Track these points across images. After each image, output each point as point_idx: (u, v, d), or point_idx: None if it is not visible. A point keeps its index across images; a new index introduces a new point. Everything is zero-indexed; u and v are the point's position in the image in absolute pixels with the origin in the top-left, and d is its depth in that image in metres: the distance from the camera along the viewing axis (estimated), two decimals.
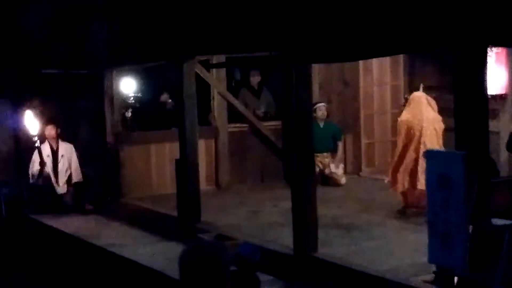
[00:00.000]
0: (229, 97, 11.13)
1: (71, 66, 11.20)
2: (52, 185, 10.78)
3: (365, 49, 6.65)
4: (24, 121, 10.73)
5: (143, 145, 10.86)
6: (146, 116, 11.45)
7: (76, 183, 10.95)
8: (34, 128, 10.55)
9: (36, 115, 10.62)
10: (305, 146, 7.13)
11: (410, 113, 8.68)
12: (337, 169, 10.91)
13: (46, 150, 10.80)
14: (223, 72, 11.21)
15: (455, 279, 5.58)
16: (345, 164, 11.38)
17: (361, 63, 11.25)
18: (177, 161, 9.05)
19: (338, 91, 11.67)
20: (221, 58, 10.63)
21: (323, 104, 11.03)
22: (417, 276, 6.25)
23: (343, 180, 10.88)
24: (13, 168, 11.59)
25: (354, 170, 11.60)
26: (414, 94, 8.87)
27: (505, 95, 9.49)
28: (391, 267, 6.70)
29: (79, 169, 10.99)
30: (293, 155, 7.26)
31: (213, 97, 11.07)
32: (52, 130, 10.86)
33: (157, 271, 7.52)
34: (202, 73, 10.47)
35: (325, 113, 11.03)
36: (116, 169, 10.69)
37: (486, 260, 5.32)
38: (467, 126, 5.49)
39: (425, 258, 5.77)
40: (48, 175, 10.75)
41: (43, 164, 10.65)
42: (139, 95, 11.26)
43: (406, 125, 8.65)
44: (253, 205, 9.76)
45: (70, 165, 10.94)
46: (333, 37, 6.68)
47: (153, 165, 10.85)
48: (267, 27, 7.41)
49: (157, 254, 8.21)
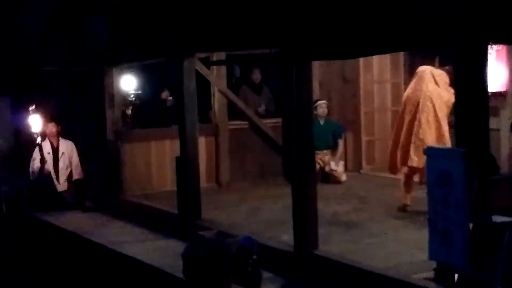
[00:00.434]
0: (229, 94, 11.14)
1: (71, 64, 11.20)
2: (53, 182, 10.79)
3: (365, 46, 6.64)
4: (25, 119, 10.74)
5: (143, 142, 10.86)
6: (146, 114, 11.45)
7: (76, 180, 10.96)
8: (35, 125, 10.56)
9: (37, 113, 10.63)
10: (305, 143, 7.13)
11: (411, 88, 8.44)
12: (337, 167, 10.91)
13: (47, 148, 10.81)
14: (223, 69, 11.21)
15: (456, 276, 5.58)
16: (345, 161, 11.39)
17: (361, 60, 11.25)
18: (177, 158, 9.05)
19: (338, 88, 11.67)
20: (221, 56, 10.62)
21: (323, 102, 11.03)
22: (417, 273, 6.25)
23: (343, 177, 10.89)
24: (13, 165, 11.61)
25: (354, 167, 11.60)
26: (419, 68, 8.56)
27: (505, 92, 9.48)
28: (392, 264, 6.70)
29: (79, 167, 11.01)
30: (293, 152, 7.25)
31: (213, 94, 11.07)
32: (53, 128, 10.87)
33: (157, 268, 7.52)
34: (202, 70, 10.47)
35: (326, 110, 11.04)
36: (116, 166, 10.69)
37: (486, 257, 5.32)
38: (468, 123, 5.49)
39: (426, 255, 5.77)
40: (49, 172, 10.75)
41: (43, 162, 10.66)
42: (139, 92, 11.26)
43: (404, 101, 8.48)
44: (254, 202, 9.76)
45: (70, 163, 10.95)
46: (333, 35, 6.68)
47: (154, 162, 10.85)
48: (267, 24, 7.41)
49: (157, 251, 8.22)
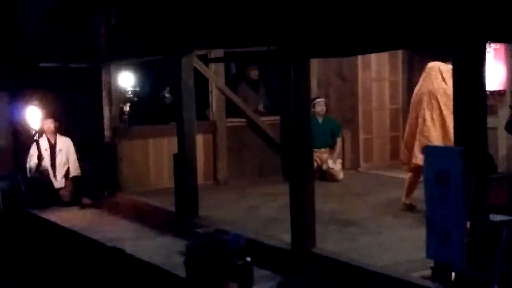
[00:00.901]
0: (228, 91, 11.13)
1: (69, 60, 11.19)
2: (50, 179, 10.78)
3: (363, 44, 6.63)
4: (23, 115, 10.72)
5: (141, 140, 10.85)
6: (144, 111, 11.45)
7: (74, 177, 10.96)
8: (33, 121, 10.54)
9: (35, 109, 10.61)
10: (303, 141, 7.12)
11: (419, 85, 8.32)
12: (334, 165, 10.90)
13: (44, 144, 10.80)
14: (221, 66, 11.20)
15: (453, 274, 5.58)
16: (343, 160, 11.38)
17: (359, 58, 11.24)
18: (175, 156, 9.05)
19: (336, 86, 11.66)
20: (219, 53, 10.62)
21: (322, 99, 11.02)
22: (415, 271, 6.25)
23: (340, 175, 10.88)
24: (10, 162, 11.59)
25: (352, 165, 11.60)
26: (427, 65, 8.41)
27: (503, 91, 9.49)
28: (389, 262, 6.69)
29: (77, 163, 11.00)
30: (292, 150, 7.25)
31: (211, 92, 11.06)
32: (51, 124, 10.87)
33: (154, 265, 7.51)
34: (201, 67, 10.45)
35: (324, 108, 11.03)
36: (114, 163, 10.68)
37: (484, 255, 5.32)
38: (466, 122, 5.48)
39: (423, 254, 5.76)
40: (46, 169, 10.75)
41: (41, 158, 10.65)
42: (137, 89, 11.25)
43: (412, 98, 8.42)
44: (251, 200, 9.76)
45: (68, 159, 10.95)
46: (332, 32, 6.67)
47: (151, 159, 10.84)
48: (266, 21, 7.40)
49: (154, 248, 8.21)
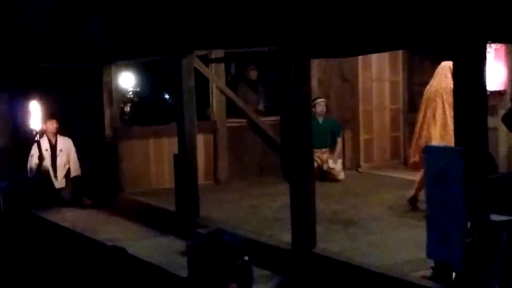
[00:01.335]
0: (228, 92, 11.13)
1: (70, 61, 11.19)
2: (51, 179, 10.79)
3: (364, 44, 6.64)
4: (24, 115, 10.73)
5: (141, 140, 10.86)
6: (144, 111, 11.46)
7: (74, 177, 10.96)
8: (34, 122, 10.55)
9: (36, 109, 10.62)
10: (303, 141, 7.13)
11: (430, 83, 8.29)
12: (335, 165, 10.90)
13: (45, 144, 10.81)
14: (221, 67, 11.20)
15: (453, 274, 5.58)
16: (343, 160, 11.38)
17: (360, 58, 11.24)
18: (175, 156, 9.05)
19: (336, 86, 11.66)
20: (220, 53, 10.62)
21: (322, 100, 11.02)
22: (415, 271, 6.26)
23: (341, 175, 10.88)
24: (11, 162, 11.59)
25: (353, 165, 11.60)
26: (441, 63, 8.30)
27: (503, 91, 9.49)
28: (390, 262, 6.70)
29: (77, 164, 11.00)
30: (292, 150, 7.25)
31: (212, 92, 11.07)
32: (53, 125, 10.87)
33: (155, 265, 7.52)
34: (201, 67, 10.46)
35: (325, 108, 11.03)
36: (114, 163, 10.69)
37: (484, 255, 5.32)
38: (466, 122, 5.49)
39: (424, 254, 5.78)
40: (47, 169, 10.75)
41: (41, 158, 10.65)
42: (138, 89, 11.26)
43: (423, 97, 8.36)
44: (252, 200, 9.76)
45: (68, 160, 10.95)
46: (332, 32, 6.67)
47: (152, 159, 10.85)
48: (266, 22, 7.41)
49: (154, 248, 8.22)
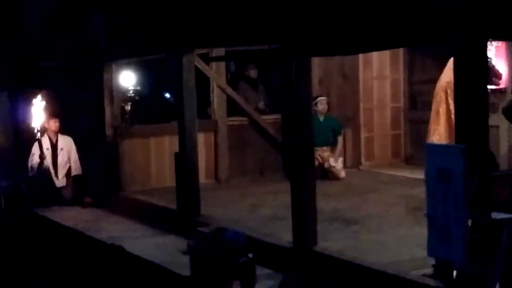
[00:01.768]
0: (229, 90, 11.13)
1: (70, 59, 11.19)
2: (51, 178, 10.79)
3: (365, 42, 6.63)
4: (25, 114, 10.73)
5: (142, 138, 10.85)
6: (145, 109, 11.45)
7: (75, 176, 10.96)
8: (35, 121, 10.55)
9: (37, 108, 10.62)
10: (304, 139, 7.13)
11: (439, 78, 8.35)
12: (336, 163, 10.89)
13: (46, 143, 10.81)
14: (222, 65, 11.20)
15: (454, 272, 5.58)
16: (344, 158, 11.38)
17: (361, 56, 11.23)
18: (176, 155, 9.05)
19: (337, 84, 11.66)
20: (220, 51, 10.61)
21: (324, 98, 11.01)
22: (416, 269, 6.25)
23: (342, 174, 10.87)
24: (12, 161, 11.59)
25: (354, 163, 11.60)
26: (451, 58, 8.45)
27: (504, 89, 9.48)
28: (391, 260, 6.69)
29: (78, 162, 11.00)
30: (293, 148, 7.25)
31: (213, 90, 11.06)
32: (55, 124, 10.87)
33: (156, 264, 7.52)
34: (202, 66, 10.46)
35: (326, 107, 11.02)
36: (115, 162, 10.68)
37: (485, 253, 5.32)
38: (467, 119, 5.49)
39: (424, 252, 5.77)
40: (48, 168, 10.75)
41: (42, 157, 10.65)
42: (138, 88, 11.25)
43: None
44: (253, 198, 9.76)
45: (69, 158, 10.95)
46: (333, 30, 6.67)
47: (153, 158, 10.84)
48: (267, 20, 7.40)
49: (156, 247, 8.21)
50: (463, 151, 5.27)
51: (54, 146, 10.90)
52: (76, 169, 10.97)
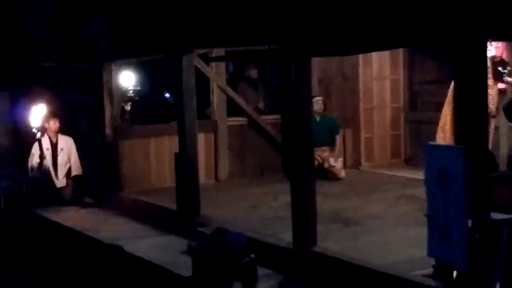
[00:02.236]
0: (229, 90, 11.12)
1: (70, 59, 11.20)
2: (51, 178, 10.78)
3: (365, 42, 6.63)
4: (25, 114, 10.73)
5: (142, 139, 10.85)
6: (145, 110, 11.45)
7: (75, 176, 10.96)
8: (35, 121, 10.55)
9: (36, 108, 10.62)
10: (304, 140, 7.13)
11: None
12: (336, 163, 10.89)
13: (46, 143, 10.81)
14: (222, 65, 11.20)
15: (454, 273, 5.58)
16: (344, 158, 11.38)
17: (360, 57, 11.23)
18: (176, 155, 9.05)
19: (337, 85, 11.66)
20: (220, 52, 10.61)
21: (319, 98, 10.98)
22: (416, 270, 6.25)
23: (342, 174, 10.87)
24: (12, 161, 11.59)
25: (354, 164, 11.60)
26: None
27: (504, 89, 9.47)
28: (390, 261, 6.69)
29: (78, 163, 11.00)
30: (293, 149, 7.25)
31: (212, 91, 11.06)
32: (55, 124, 10.87)
33: (156, 264, 7.51)
34: (201, 66, 10.46)
35: (322, 106, 10.99)
36: (115, 162, 10.68)
37: (485, 254, 5.32)
38: (467, 120, 5.49)
39: (424, 252, 5.77)
40: (48, 168, 10.75)
41: (42, 157, 10.65)
42: (138, 88, 11.25)
43: None
44: (253, 199, 9.75)
45: (69, 159, 10.95)
46: (332, 31, 6.67)
47: (152, 158, 10.84)
48: (267, 20, 7.40)
49: (155, 247, 8.21)
50: (463, 151, 5.27)
51: (54, 146, 10.90)
52: (76, 169, 10.97)
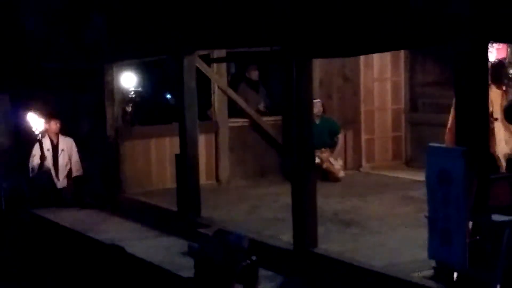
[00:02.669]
0: (230, 91, 11.13)
1: (71, 61, 11.19)
2: (52, 179, 10.79)
3: (366, 44, 6.64)
4: (26, 115, 10.73)
5: (143, 140, 10.85)
6: (146, 111, 11.46)
7: (76, 177, 10.96)
8: (35, 122, 10.55)
9: (37, 110, 10.62)
10: (305, 141, 7.13)
11: None
12: (335, 162, 10.87)
13: (47, 144, 10.81)
14: (223, 66, 11.20)
15: (455, 275, 5.58)
16: (345, 159, 11.39)
17: (362, 58, 11.24)
18: (177, 156, 9.05)
19: (338, 86, 11.66)
20: (221, 53, 10.62)
21: (318, 101, 10.92)
22: (416, 271, 6.25)
23: (341, 173, 10.86)
24: (13, 162, 11.59)
25: (354, 165, 11.60)
26: None
27: (505, 91, 9.46)
28: (391, 262, 6.70)
29: (79, 164, 11.01)
30: (293, 150, 7.25)
31: (214, 92, 11.06)
32: (56, 125, 10.88)
33: (156, 265, 7.52)
34: (203, 67, 10.46)
35: (321, 109, 10.95)
36: (116, 163, 10.68)
37: (485, 256, 5.32)
38: (468, 122, 5.49)
39: (425, 254, 5.77)
40: (48, 169, 10.75)
41: (43, 158, 10.66)
42: (139, 89, 11.25)
43: None
44: (253, 200, 9.75)
45: (70, 159, 10.95)
46: (334, 32, 6.67)
47: (153, 159, 10.84)
48: (268, 22, 7.41)
49: (156, 248, 8.22)
50: (463, 153, 5.28)
51: (55, 147, 10.90)
52: (77, 170, 10.98)
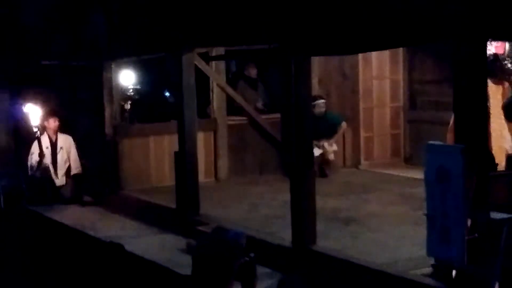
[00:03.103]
0: (228, 89, 11.13)
1: (70, 58, 11.19)
2: (51, 177, 10.78)
3: (365, 42, 6.64)
4: (24, 113, 10.73)
5: (142, 137, 10.85)
6: (145, 108, 11.45)
7: (75, 175, 10.96)
8: (34, 119, 10.55)
9: (36, 107, 10.62)
10: (304, 139, 7.13)
11: None
12: (329, 147, 10.86)
13: (45, 142, 10.80)
14: (222, 64, 11.20)
15: (453, 272, 5.58)
16: (344, 157, 11.42)
17: (360, 56, 11.24)
18: (176, 154, 9.06)
19: (337, 84, 11.66)
20: (220, 51, 10.62)
21: (322, 101, 10.91)
22: (415, 269, 6.26)
23: (331, 156, 10.85)
24: (12, 159, 11.59)
25: (353, 163, 11.61)
26: None
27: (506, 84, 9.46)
28: (390, 260, 6.71)
29: (78, 161, 11.00)
30: (292, 148, 7.25)
31: (212, 90, 11.06)
32: (55, 122, 10.87)
33: (155, 263, 7.52)
34: (201, 65, 10.45)
35: (323, 110, 10.92)
36: (114, 161, 10.68)
37: (484, 253, 5.32)
38: (466, 119, 5.49)
39: (424, 251, 5.77)
40: (47, 166, 10.75)
41: (42, 156, 10.65)
42: (138, 87, 11.25)
43: None
44: (252, 198, 9.76)
45: (69, 157, 10.95)
46: (332, 30, 6.67)
47: (152, 157, 10.84)
48: (267, 19, 7.40)
49: (155, 246, 8.22)
50: (462, 151, 5.28)
51: (54, 145, 10.90)
52: (76, 168, 10.97)
